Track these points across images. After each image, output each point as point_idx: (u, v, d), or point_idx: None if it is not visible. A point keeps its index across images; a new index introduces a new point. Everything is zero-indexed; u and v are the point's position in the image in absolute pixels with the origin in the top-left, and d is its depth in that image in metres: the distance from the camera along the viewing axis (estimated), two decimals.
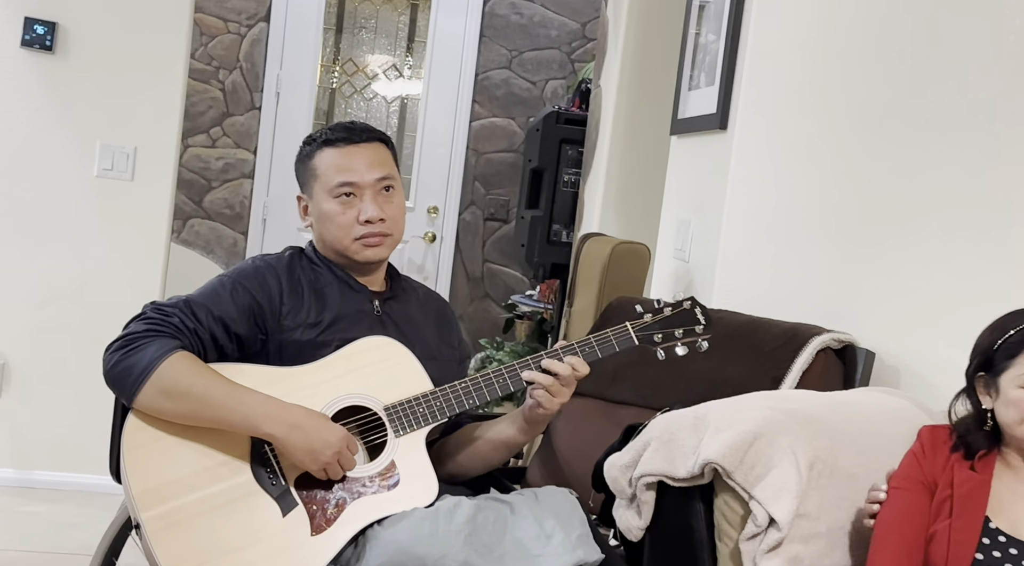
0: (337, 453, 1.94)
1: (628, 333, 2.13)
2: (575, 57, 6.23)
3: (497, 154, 6.25)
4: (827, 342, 2.68)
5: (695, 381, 2.67)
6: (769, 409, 2.17)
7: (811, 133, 3.01)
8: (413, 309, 2.26)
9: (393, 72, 6.27)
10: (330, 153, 2.17)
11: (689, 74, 3.57)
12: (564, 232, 5.06)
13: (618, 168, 4.47)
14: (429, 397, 2.05)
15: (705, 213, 3.33)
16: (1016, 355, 1.85)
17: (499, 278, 6.31)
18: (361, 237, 2.15)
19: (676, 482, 2.11)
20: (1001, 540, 1.85)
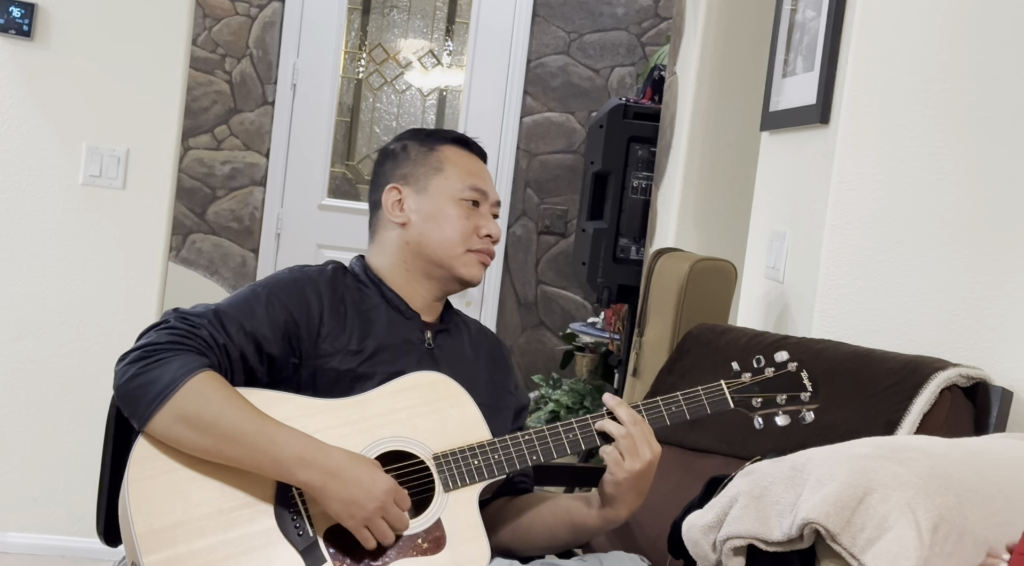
0: (381, 507, 1.94)
1: (723, 394, 2.18)
2: (646, 39, 6.25)
3: (553, 156, 6.27)
4: (953, 379, 2.67)
5: (792, 425, 2.66)
6: (882, 459, 2.16)
7: (933, 127, 2.99)
8: (465, 346, 2.30)
9: (430, 59, 6.32)
10: (460, 153, 2.27)
11: (783, 58, 3.57)
12: (633, 247, 5.06)
13: (698, 171, 4.47)
14: (487, 448, 2.07)
15: (803, 224, 3.33)
16: None
17: (556, 303, 6.32)
18: (477, 250, 2.23)
19: (770, 546, 2.11)
20: None
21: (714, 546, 2.17)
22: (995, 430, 2.66)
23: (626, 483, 2.08)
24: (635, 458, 2.06)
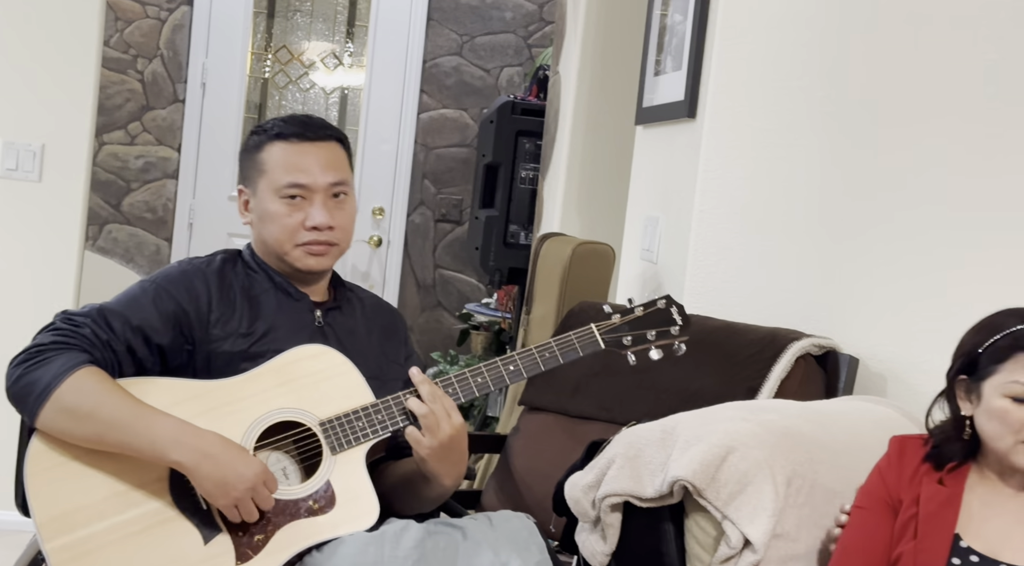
0: (251, 489, 1.93)
1: (593, 336, 2.14)
2: (532, 42, 6.26)
3: (448, 149, 6.26)
4: (807, 348, 2.72)
5: (664, 393, 2.70)
6: (743, 421, 2.20)
7: (790, 121, 3.04)
8: (358, 322, 2.27)
9: (332, 60, 6.27)
10: (281, 148, 2.17)
11: (655, 58, 3.60)
12: (522, 233, 5.07)
13: (580, 162, 4.49)
14: (369, 410, 2.05)
15: (674, 210, 3.36)
16: (1003, 360, 1.87)
17: (452, 285, 6.32)
18: (305, 243, 2.15)
19: (643, 502, 2.14)
20: (973, 560, 1.88)
21: (593, 503, 2.19)
22: (843, 393, 2.71)
23: (432, 459, 2.06)
24: (434, 435, 2.04)
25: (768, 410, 2.39)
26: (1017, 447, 1.86)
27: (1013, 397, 1.85)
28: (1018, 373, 1.85)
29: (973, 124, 2.62)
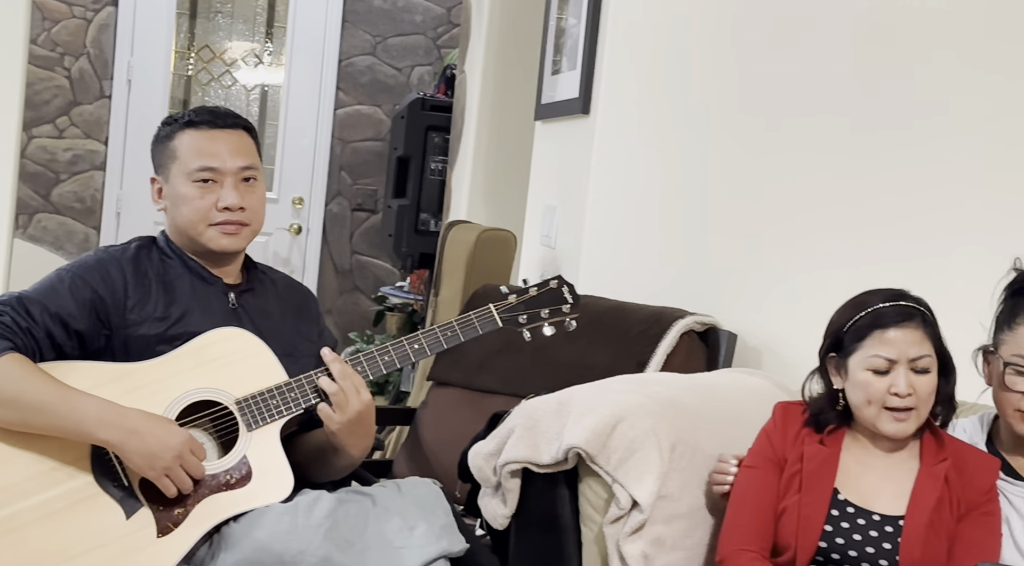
0: (178, 457, 1.90)
1: (491, 314, 2.13)
2: (441, 43, 6.23)
3: (363, 143, 6.21)
4: (690, 325, 2.76)
5: (561, 368, 2.71)
6: (631, 393, 2.22)
7: (674, 117, 3.08)
8: (271, 302, 2.23)
9: (252, 59, 6.17)
10: (192, 135, 2.12)
11: (552, 58, 3.61)
12: (432, 221, 5.06)
13: (485, 155, 4.49)
14: (283, 388, 2.02)
15: (570, 199, 3.38)
16: (864, 338, 1.92)
17: (368, 270, 6.28)
18: (218, 224, 2.11)
19: (541, 468, 2.15)
20: (849, 511, 1.94)
21: (495, 470, 2.20)
22: (723, 366, 2.75)
23: (342, 433, 2.04)
24: (344, 411, 2.01)
25: (655, 382, 2.42)
26: (881, 415, 1.91)
27: (874, 370, 1.91)
28: (877, 349, 1.90)
29: (840, 118, 2.67)
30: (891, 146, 2.58)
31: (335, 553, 1.85)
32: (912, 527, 1.89)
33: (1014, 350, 1.90)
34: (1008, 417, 1.93)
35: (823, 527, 1.92)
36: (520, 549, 2.20)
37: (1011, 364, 1.90)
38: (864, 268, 2.45)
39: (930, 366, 1.91)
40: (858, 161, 2.64)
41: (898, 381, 1.89)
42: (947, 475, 1.92)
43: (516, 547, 2.20)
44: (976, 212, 2.46)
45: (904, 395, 1.88)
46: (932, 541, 1.88)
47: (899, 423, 1.91)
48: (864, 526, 1.93)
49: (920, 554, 1.87)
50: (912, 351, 1.89)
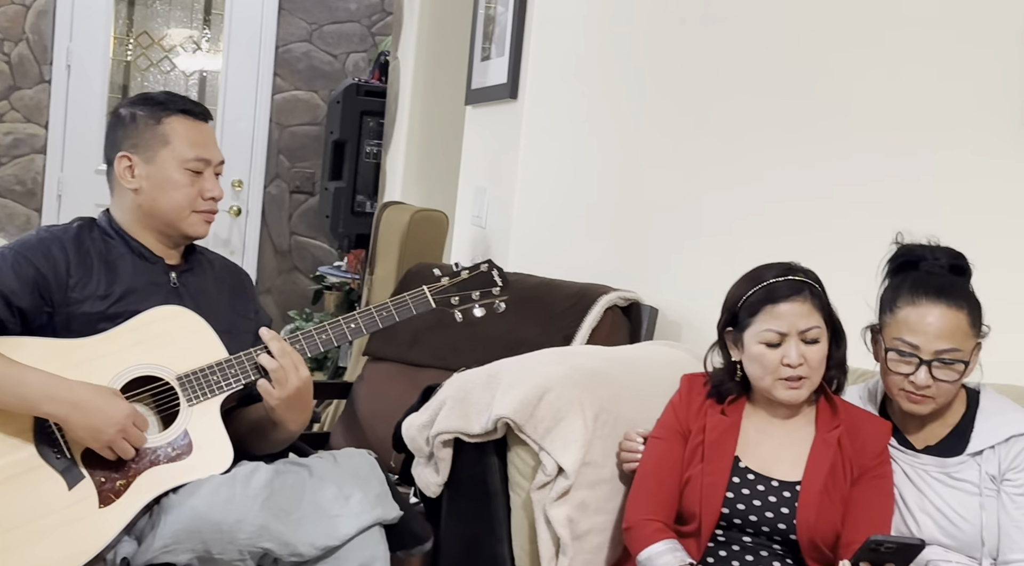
0: (121, 430, 1.88)
1: (425, 296, 2.13)
2: (375, 30, 6.17)
3: (301, 127, 6.14)
4: (614, 301, 2.77)
5: (492, 342, 2.71)
6: (557, 365, 2.23)
7: (596, 101, 3.08)
8: (209, 281, 2.21)
9: (191, 45, 6.07)
10: (185, 124, 2.11)
11: (481, 45, 3.60)
12: (368, 202, 5.03)
13: (418, 139, 4.47)
14: (223, 365, 2.01)
15: (499, 181, 3.38)
16: (756, 313, 1.93)
17: (307, 250, 6.22)
18: (202, 211, 2.12)
19: (471, 438, 2.16)
20: (750, 477, 1.96)
21: (428, 441, 2.20)
22: (645, 339, 2.78)
23: (280, 408, 2.03)
24: (284, 387, 2.01)
25: (580, 355, 2.44)
26: (776, 384, 1.93)
27: (767, 343, 1.92)
28: (769, 323, 1.92)
29: (755, 104, 2.70)
30: (799, 132, 2.62)
31: (272, 522, 1.84)
32: (808, 492, 1.91)
33: (895, 334, 1.91)
34: (894, 396, 1.95)
35: (725, 494, 1.94)
36: (452, 515, 2.21)
37: (892, 349, 1.91)
38: (775, 244, 2.48)
39: (819, 336, 1.92)
40: (770, 145, 2.67)
41: (789, 352, 1.90)
42: (840, 441, 1.94)
43: (448, 513, 2.21)
44: (873, 192, 2.51)
45: (796, 365, 1.90)
46: (827, 505, 1.90)
47: (793, 390, 1.92)
48: (763, 492, 1.94)
49: (815, 517, 1.89)
50: (801, 323, 1.91)
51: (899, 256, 2.00)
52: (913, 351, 1.88)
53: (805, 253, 2.05)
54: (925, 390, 1.89)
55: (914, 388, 1.90)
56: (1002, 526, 1.88)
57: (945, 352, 1.87)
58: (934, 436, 1.98)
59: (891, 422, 2.00)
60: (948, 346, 1.87)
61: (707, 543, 1.94)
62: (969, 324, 1.90)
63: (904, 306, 1.91)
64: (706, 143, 2.79)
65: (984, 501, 1.90)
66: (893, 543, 1.62)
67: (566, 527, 2.04)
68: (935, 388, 1.89)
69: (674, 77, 2.88)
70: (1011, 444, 1.91)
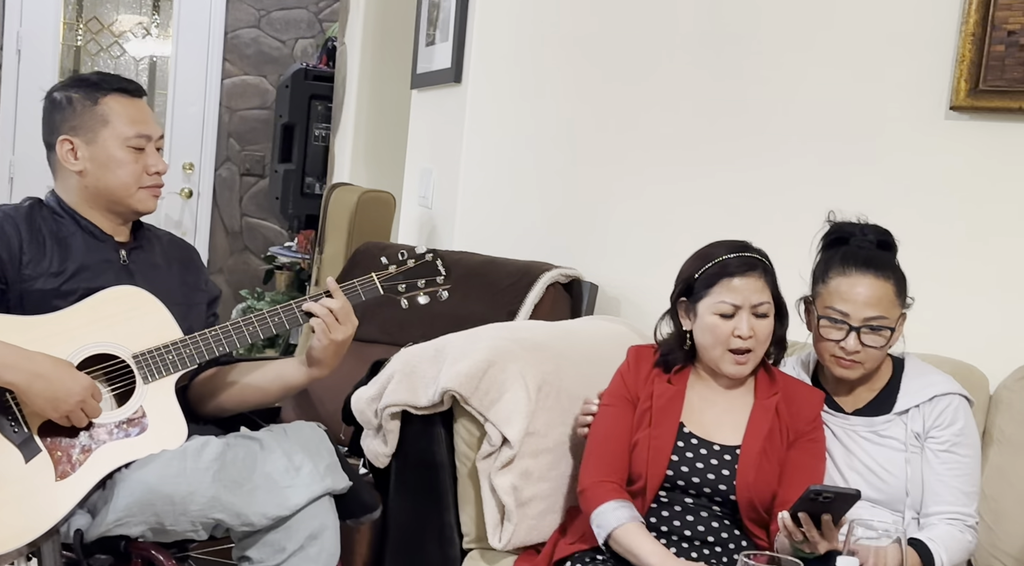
0: (80, 402, 1.85)
1: (374, 283, 2.12)
2: (323, 17, 6.09)
3: (250, 111, 6.06)
4: (556, 277, 2.77)
5: (438, 318, 2.69)
6: (501, 339, 2.23)
7: (539, 85, 3.07)
8: (158, 257, 2.18)
9: (141, 31, 5.95)
10: (121, 102, 2.06)
11: (426, 31, 3.57)
12: (317, 184, 4.98)
13: (365, 122, 4.43)
14: (179, 345, 1.98)
15: (445, 163, 3.36)
16: (712, 285, 1.96)
17: (258, 231, 6.15)
18: (148, 187, 2.08)
19: (418, 411, 2.15)
20: (693, 442, 1.99)
21: (376, 413, 2.18)
22: (586, 314, 2.78)
23: (331, 348, 2.02)
24: (338, 329, 2.01)
25: (523, 329, 2.43)
26: (725, 355, 1.96)
27: (721, 314, 1.94)
28: (724, 295, 1.94)
29: (690, 91, 2.71)
30: (736, 113, 2.64)
31: (223, 493, 1.82)
32: (747, 455, 1.94)
33: (827, 303, 1.96)
34: (825, 362, 2.00)
35: (670, 457, 1.96)
36: (400, 485, 2.20)
37: (824, 317, 1.96)
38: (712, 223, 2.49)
39: (768, 311, 1.96)
40: (707, 124, 2.68)
41: (741, 325, 1.93)
42: (778, 407, 1.97)
43: (396, 483, 2.20)
44: (807, 174, 2.54)
45: (746, 337, 1.93)
46: (764, 466, 1.93)
47: (739, 365, 1.96)
48: (706, 455, 1.97)
49: (754, 478, 1.92)
50: (754, 298, 1.94)
51: (831, 233, 2.05)
52: (843, 318, 1.93)
53: (742, 230, 2.07)
54: (854, 355, 1.94)
55: (844, 353, 1.95)
56: (925, 480, 1.93)
57: (873, 319, 1.93)
58: (863, 399, 2.03)
59: (824, 390, 2.04)
60: (875, 314, 1.92)
61: (651, 503, 1.96)
62: (895, 294, 1.95)
63: (835, 277, 1.96)
64: (645, 124, 2.80)
65: (909, 457, 1.95)
66: (831, 493, 1.65)
67: (510, 495, 2.04)
68: (863, 353, 1.94)
69: (614, 62, 2.88)
70: (934, 403, 1.97)
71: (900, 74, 2.42)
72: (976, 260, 2.36)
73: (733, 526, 1.95)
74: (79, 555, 1.85)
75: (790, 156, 2.56)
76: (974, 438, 1.99)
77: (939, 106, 2.37)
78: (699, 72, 2.69)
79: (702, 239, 2.06)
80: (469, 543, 2.15)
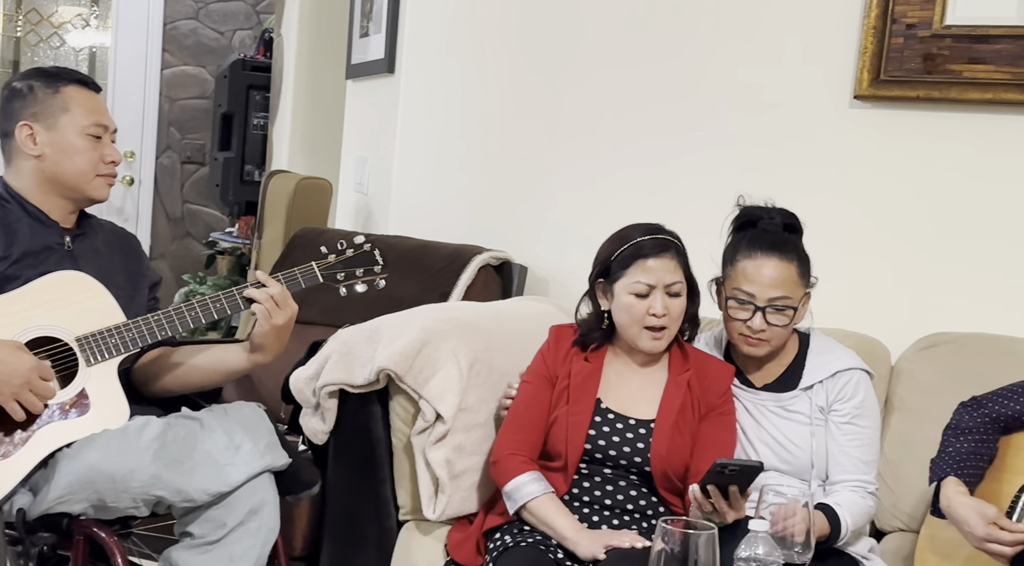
0: (27, 382, 1.80)
1: (314, 271, 2.10)
2: (260, 9, 5.99)
3: (190, 101, 5.95)
4: (487, 260, 2.77)
5: (374, 300, 2.65)
6: (434, 320, 2.22)
7: (469, 74, 3.06)
8: (101, 244, 2.14)
9: (80, 22, 5.80)
10: (81, 93, 2.04)
11: (360, 22, 3.53)
12: (256, 172, 4.91)
13: (302, 111, 4.37)
14: (122, 328, 1.95)
15: (379, 150, 3.33)
16: (628, 266, 1.96)
17: (199, 217, 6.05)
18: (104, 175, 2.06)
19: (355, 389, 2.14)
20: (610, 416, 2.00)
21: (314, 392, 2.17)
22: (516, 295, 2.79)
23: (272, 333, 2.01)
24: (278, 314, 1.99)
25: (456, 310, 2.43)
26: (642, 332, 1.97)
27: (636, 294, 1.95)
28: (639, 275, 1.95)
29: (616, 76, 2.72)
30: (653, 105, 2.65)
31: (164, 471, 1.80)
32: (661, 428, 1.96)
33: (735, 284, 1.98)
34: (734, 340, 2.02)
35: (588, 432, 1.97)
36: (338, 461, 2.19)
37: (732, 297, 1.98)
38: (632, 208, 2.51)
39: (681, 291, 1.97)
40: (627, 117, 2.70)
41: (655, 303, 1.94)
42: (690, 382, 1.99)
43: (334, 459, 2.19)
44: (719, 159, 2.57)
45: (661, 315, 1.94)
46: (677, 439, 1.95)
47: (655, 341, 1.97)
48: (622, 429, 1.98)
49: (667, 450, 1.94)
50: (668, 278, 1.95)
51: (740, 216, 2.06)
52: (750, 299, 1.95)
53: (659, 216, 2.08)
54: (760, 334, 1.96)
55: (751, 332, 1.97)
56: (829, 451, 1.97)
57: (777, 299, 1.95)
58: (771, 375, 2.05)
59: (734, 365, 2.05)
60: (780, 294, 1.95)
61: (572, 476, 1.97)
62: (798, 275, 1.98)
63: (743, 259, 1.98)
64: (570, 115, 2.81)
65: (814, 430, 1.98)
66: (736, 465, 1.68)
67: (444, 468, 2.04)
68: (769, 332, 1.96)
69: (538, 50, 2.88)
70: (837, 378, 2.00)
71: (809, 65, 2.46)
72: (877, 239, 2.41)
73: (650, 494, 1.97)
74: (21, 533, 1.82)
75: (705, 143, 2.59)
76: (874, 410, 2.03)
77: (844, 95, 2.41)
78: (618, 60, 2.70)
79: (623, 222, 2.07)
80: (405, 515, 2.15)
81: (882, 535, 2.16)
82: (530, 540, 1.88)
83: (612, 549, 1.80)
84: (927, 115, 2.35)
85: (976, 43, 2.27)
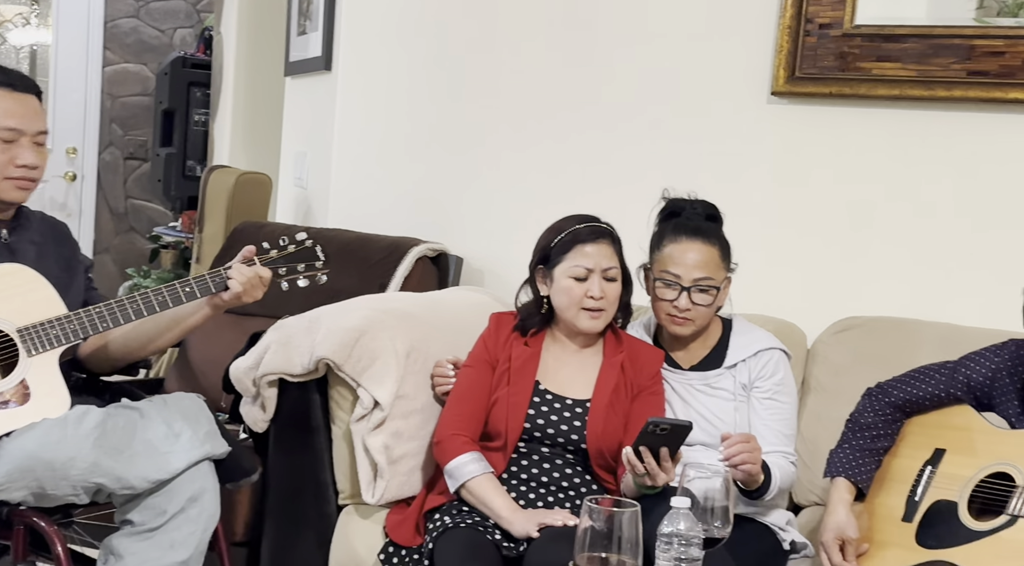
0: None
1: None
2: (200, 7, 5.88)
3: (132, 98, 5.83)
4: (424, 251, 2.76)
5: (314, 292, 2.60)
6: (372, 310, 2.20)
7: (404, 71, 3.03)
8: (35, 235, 2.09)
9: (21, 20, 5.64)
10: (3, 94, 1.94)
11: (297, 20, 3.49)
12: (198, 167, 4.83)
13: (242, 108, 4.30)
14: (63, 319, 1.90)
15: (318, 145, 3.30)
16: (567, 252, 1.99)
17: (142, 212, 5.93)
18: (14, 178, 1.95)
19: (294, 378, 2.12)
20: (548, 397, 2.02)
21: (254, 382, 2.14)
22: (452, 285, 2.78)
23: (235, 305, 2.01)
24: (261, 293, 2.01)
25: (393, 300, 2.41)
26: (580, 313, 1.99)
27: (575, 278, 1.98)
28: (578, 259, 1.98)
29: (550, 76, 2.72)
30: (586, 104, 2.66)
31: (104, 459, 1.76)
32: (596, 408, 1.99)
33: (662, 267, 2.02)
34: (662, 321, 2.06)
35: (527, 412, 1.99)
36: (278, 448, 2.17)
37: (659, 279, 2.02)
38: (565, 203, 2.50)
39: (616, 276, 2.01)
40: (560, 114, 2.70)
41: (593, 286, 1.97)
42: (623, 365, 2.03)
43: (275, 446, 2.17)
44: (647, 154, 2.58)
45: (598, 298, 1.97)
46: (611, 418, 1.98)
47: (593, 320, 2.00)
48: (559, 409, 2.00)
49: (602, 429, 1.97)
50: (604, 262, 1.98)
51: (666, 208, 2.11)
52: (676, 280, 2.00)
53: (591, 207, 2.10)
54: (686, 313, 2.01)
55: (677, 311, 2.01)
56: (752, 425, 2.01)
57: (701, 280, 1.99)
58: (697, 356, 2.09)
59: (663, 349, 2.08)
60: (703, 275, 1.99)
61: (512, 455, 1.99)
62: (720, 258, 2.03)
63: (668, 244, 2.03)
64: (504, 111, 2.80)
65: (737, 405, 2.03)
66: (667, 424, 1.71)
67: (383, 453, 2.03)
68: (694, 311, 2.01)
69: (471, 45, 2.87)
70: (758, 357, 2.05)
71: (729, 62, 2.49)
72: (793, 229, 2.45)
73: (584, 472, 1.99)
74: None
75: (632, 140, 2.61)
76: (792, 387, 2.08)
77: (762, 91, 2.44)
78: (551, 58, 2.70)
79: (555, 215, 2.09)
80: (344, 499, 2.13)
81: (799, 509, 2.19)
82: (469, 521, 1.88)
83: (545, 527, 1.81)
84: (840, 110, 2.39)
85: (885, 42, 2.31)
